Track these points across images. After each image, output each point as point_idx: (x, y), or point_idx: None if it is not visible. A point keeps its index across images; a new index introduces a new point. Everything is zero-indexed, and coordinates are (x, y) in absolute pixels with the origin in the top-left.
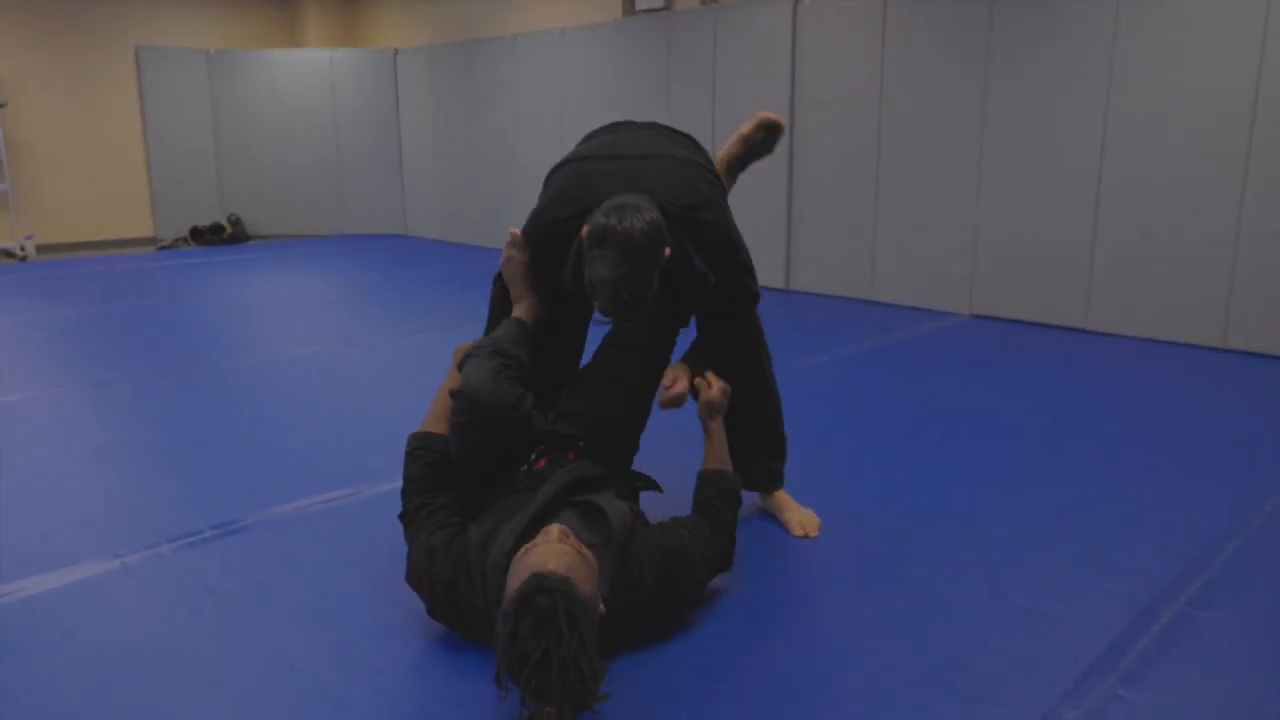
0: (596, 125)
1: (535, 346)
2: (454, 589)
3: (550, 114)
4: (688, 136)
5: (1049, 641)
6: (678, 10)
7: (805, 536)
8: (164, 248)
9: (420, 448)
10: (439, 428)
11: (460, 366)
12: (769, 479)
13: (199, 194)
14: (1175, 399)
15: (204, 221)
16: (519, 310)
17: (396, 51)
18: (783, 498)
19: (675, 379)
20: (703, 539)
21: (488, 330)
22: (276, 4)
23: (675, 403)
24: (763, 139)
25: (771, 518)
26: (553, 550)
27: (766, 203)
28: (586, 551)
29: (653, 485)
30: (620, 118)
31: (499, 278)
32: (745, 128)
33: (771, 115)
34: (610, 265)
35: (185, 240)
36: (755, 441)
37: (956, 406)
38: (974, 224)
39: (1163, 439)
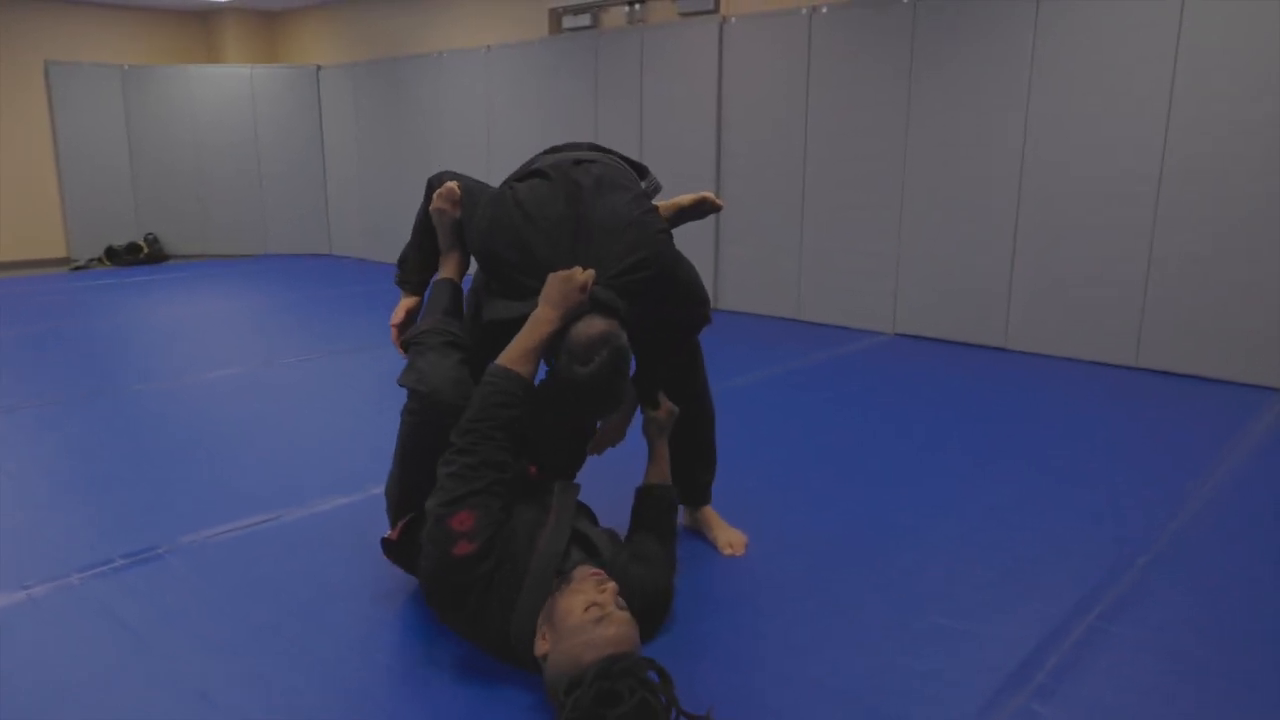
0: (524, 144)
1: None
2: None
3: (477, 132)
4: (633, 180)
5: (967, 659)
6: (604, 28)
7: (733, 555)
8: (78, 269)
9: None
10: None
11: (407, 346)
12: (698, 492)
13: (114, 213)
14: (1093, 416)
15: (119, 241)
16: (447, 268)
17: (319, 68)
18: (710, 515)
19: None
20: (672, 570)
21: (412, 243)
22: (193, 19)
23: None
24: (700, 213)
25: (699, 536)
26: (626, 626)
27: (694, 221)
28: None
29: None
30: (549, 136)
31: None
32: (685, 199)
33: (715, 198)
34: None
35: (100, 261)
36: (688, 452)
37: (884, 424)
38: (897, 244)
39: (1082, 454)
